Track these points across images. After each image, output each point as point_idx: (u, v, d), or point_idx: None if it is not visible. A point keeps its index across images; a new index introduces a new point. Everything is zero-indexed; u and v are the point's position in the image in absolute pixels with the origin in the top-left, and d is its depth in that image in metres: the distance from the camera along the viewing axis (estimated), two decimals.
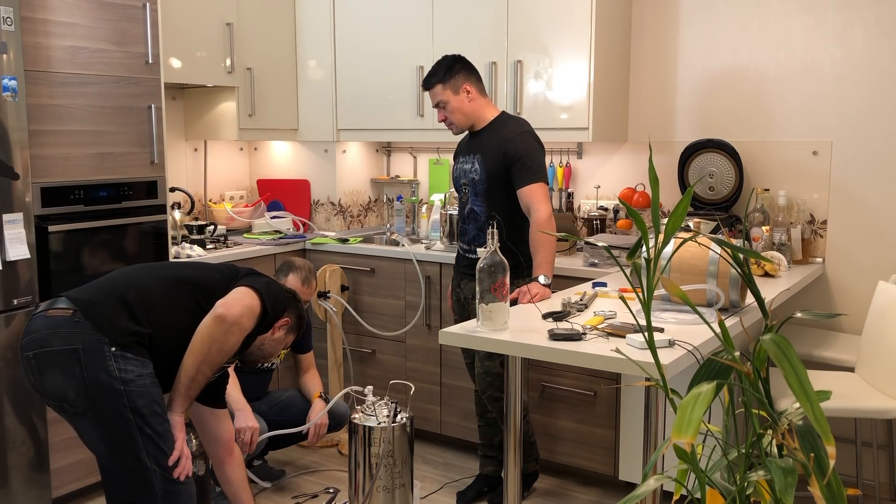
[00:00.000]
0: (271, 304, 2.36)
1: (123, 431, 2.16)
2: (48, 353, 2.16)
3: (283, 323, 2.48)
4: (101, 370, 2.14)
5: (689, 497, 1.48)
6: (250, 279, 2.39)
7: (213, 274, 2.42)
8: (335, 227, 4.43)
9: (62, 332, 2.17)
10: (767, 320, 1.53)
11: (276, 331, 2.46)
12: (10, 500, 2.88)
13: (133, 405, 2.16)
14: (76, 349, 2.14)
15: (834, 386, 2.73)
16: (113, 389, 2.15)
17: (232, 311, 2.25)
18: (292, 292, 2.57)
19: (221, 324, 2.24)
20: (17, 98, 2.84)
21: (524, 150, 2.99)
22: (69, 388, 2.15)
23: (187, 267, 2.50)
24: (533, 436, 3.37)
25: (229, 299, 2.28)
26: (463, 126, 3.13)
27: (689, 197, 1.48)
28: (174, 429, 2.27)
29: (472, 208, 3.14)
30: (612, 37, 3.63)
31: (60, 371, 2.16)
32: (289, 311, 2.48)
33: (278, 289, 2.46)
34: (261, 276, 2.45)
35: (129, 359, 2.19)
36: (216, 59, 3.92)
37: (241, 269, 2.47)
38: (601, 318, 2.43)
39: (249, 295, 2.32)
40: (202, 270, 2.44)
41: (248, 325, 2.30)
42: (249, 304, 2.30)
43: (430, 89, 3.11)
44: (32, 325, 2.23)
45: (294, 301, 2.54)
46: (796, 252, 3.35)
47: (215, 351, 2.25)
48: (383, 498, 2.82)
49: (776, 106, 3.49)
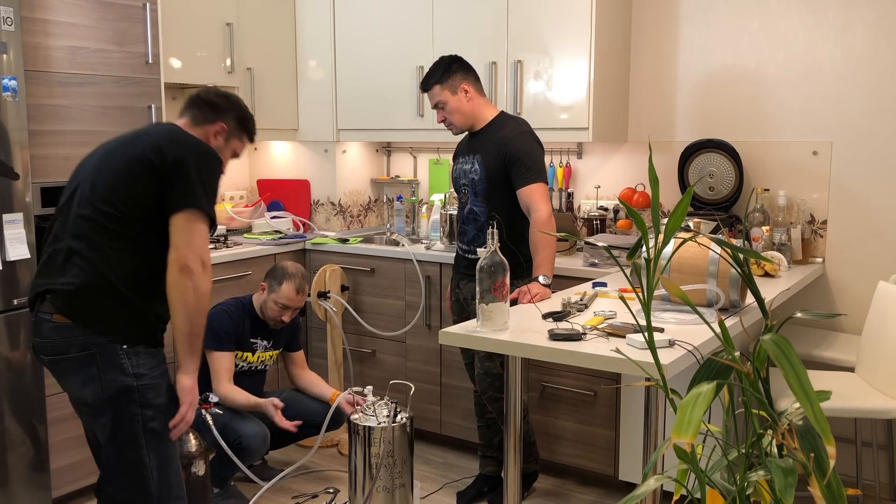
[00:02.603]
0: (212, 200, 2.23)
1: (130, 429, 2.17)
2: (65, 360, 2.18)
3: (217, 129, 2.37)
4: (117, 369, 2.15)
5: (689, 497, 1.48)
6: (183, 192, 2.17)
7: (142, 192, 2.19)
8: (335, 227, 4.43)
9: (75, 339, 2.16)
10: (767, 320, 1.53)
11: (212, 139, 2.36)
12: (10, 500, 2.88)
13: (142, 399, 2.17)
14: (92, 354, 2.15)
15: (834, 386, 2.73)
16: (126, 387, 2.16)
17: (191, 259, 2.15)
18: (223, 94, 2.43)
19: (189, 275, 2.16)
20: (17, 98, 2.84)
21: (523, 150, 2.98)
22: (88, 392, 2.18)
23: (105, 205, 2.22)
24: (533, 436, 3.37)
25: (182, 246, 2.16)
26: (462, 126, 3.12)
27: (689, 197, 1.48)
28: (182, 393, 2.24)
29: (471, 208, 3.14)
30: (612, 37, 3.63)
31: (79, 378, 2.18)
32: (221, 119, 2.38)
33: (209, 151, 2.27)
34: (187, 163, 2.19)
35: (141, 352, 2.19)
36: (216, 59, 3.92)
37: (166, 160, 2.19)
38: (601, 318, 2.43)
39: (194, 225, 2.18)
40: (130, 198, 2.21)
41: (209, 253, 2.22)
42: (200, 235, 2.19)
43: (428, 90, 3.11)
44: (43, 330, 2.21)
45: (227, 102, 2.42)
46: (796, 252, 3.35)
47: (196, 296, 2.18)
48: (383, 498, 2.82)
49: (776, 106, 3.49)
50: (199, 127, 2.36)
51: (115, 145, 2.29)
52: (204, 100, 2.39)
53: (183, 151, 2.21)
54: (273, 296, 3.28)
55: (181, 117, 2.39)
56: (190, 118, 2.38)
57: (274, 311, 3.30)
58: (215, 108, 2.38)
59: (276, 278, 3.30)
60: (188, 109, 2.40)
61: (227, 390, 3.21)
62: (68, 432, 3.12)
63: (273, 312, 3.30)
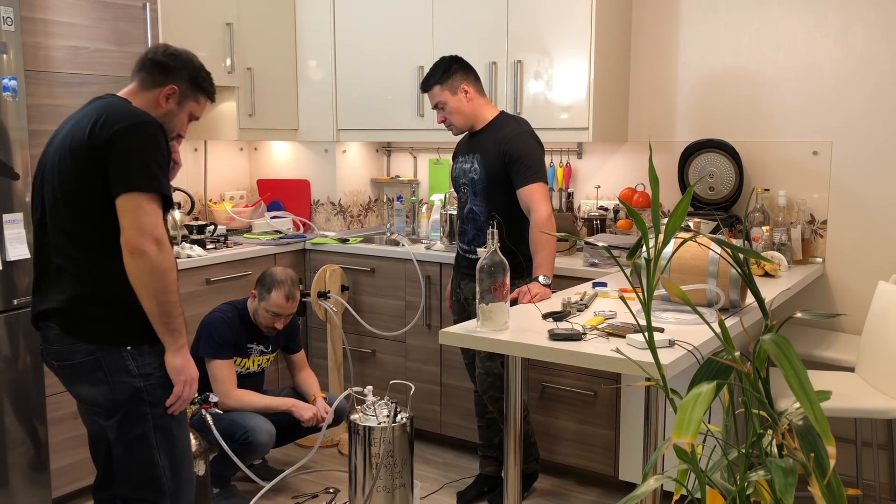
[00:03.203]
0: (157, 174, 2.06)
1: (140, 429, 2.15)
2: (71, 365, 2.16)
3: (168, 92, 2.21)
4: (123, 372, 2.13)
5: (689, 497, 1.48)
6: (121, 174, 2.03)
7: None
8: (335, 227, 4.43)
9: (80, 346, 2.14)
10: (767, 320, 1.53)
11: (163, 103, 2.20)
12: (10, 500, 2.88)
13: (151, 398, 2.14)
14: (97, 358, 2.13)
15: (834, 386, 2.72)
16: (135, 388, 2.13)
17: (141, 241, 2.02)
18: (172, 53, 2.23)
19: (142, 256, 2.03)
20: (17, 98, 2.84)
21: (523, 150, 2.99)
22: (98, 395, 2.15)
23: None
24: (533, 436, 3.37)
25: (128, 228, 2.02)
26: (462, 127, 3.12)
27: (689, 197, 1.49)
28: (173, 373, 2.14)
29: (471, 208, 3.14)
30: (612, 37, 3.63)
31: (87, 382, 2.15)
32: (171, 81, 2.21)
33: (142, 121, 2.08)
34: (131, 134, 2.05)
35: (146, 352, 2.15)
36: (216, 59, 3.91)
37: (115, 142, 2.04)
38: (601, 318, 2.43)
39: (139, 206, 2.03)
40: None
41: (161, 228, 2.06)
42: (148, 214, 2.03)
43: (428, 91, 3.11)
44: (50, 337, 2.19)
45: (177, 61, 2.23)
46: (796, 252, 3.35)
47: (155, 276, 2.04)
48: (383, 498, 2.82)
49: (776, 106, 3.49)
50: (148, 91, 2.20)
51: (60, 139, 2.16)
52: (152, 61, 2.21)
53: (114, 130, 2.04)
54: (263, 304, 3.26)
55: (131, 82, 2.24)
56: (138, 83, 2.22)
57: (266, 319, 3.28)
58: (164, 69, 2.20)
59: (266, 286, 3.26)
60: (136, 73, 2.23)
61: (238, 396, 3.22)
62: (68, 432, 3.12)
63: (265, 320, 3.29)
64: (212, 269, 3.65)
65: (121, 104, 2.14)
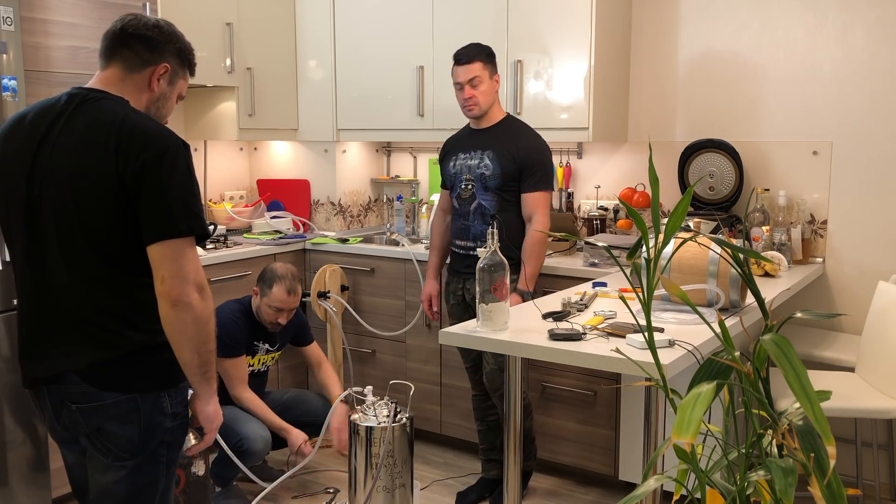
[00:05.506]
0: (196, 210, 1.82)
1: (153, 474, 1.93)
2: (99, 406, 1.87)
3: (161, 72, 1.91)
4: (158, 412, 1.89)
5: (689, 497, 1.48)
6: (157, 217, 1.77)
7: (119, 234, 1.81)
8: (335, 227, 4.42)
9: (114, 393, 1.86)
10: (767, 320, 1.53)
11: (155, 85, 1.91)
12: (10, 500, 2.88)
13: (171, 438, 1.94)
14: (134, 398, 1.87)
15: (834, 386, 2.72)
16: (164, 428, 1.90)
17: (184, 292, 1.78)
18: (155, 25, 1.92)
19: (185, 309, 1.79)
20: (17, 98, 2.83)
21: (541, 161, 3.13)
22: (122, 434, 1.87)
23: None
24: (533, 433, 3.38)
25: (169, 277, 1.78)
26: (483, 109, 3.16)
27: (689, 197, 1.48)
28: (206, 422, 1.98)
29: (479, 203, 3.17)
30: (611, 37, 3.63)
31: (116, 420, 1.86)
32: (162, 58, 1.91)
33: (174, 145, 1.79)
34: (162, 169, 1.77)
35: (178, 390, 1.93)
36: (216, 59, 3.91)
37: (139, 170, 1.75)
38: (601, 318, 2.43)
39: (180, 253, 1.78)
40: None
41: (202, 273, 1.84)
42: (190, 260, 1.79)
43: (469, 63, 3.11)
44: (70, 392, 1.88)
45: (163, 34, 1.91)
46: (796, 252, 3.35)
47: (198, 327, 1.82)
48: (383, 498, 2.82)
49: (776, 106, 3.49)
50: (137, 73, 1.88)
51: (62, 163, 1.81)
52: (135, 36, 1.88)
53: (140, 163, 1.75)
54: (265, 300, 3.27)
55: (109, 65, 1.89)
56: (122, 65, 1.88)
57: (269, 315, 3.29)
58: (151, 44, 1.88)
59: (267, 282, 3.27)
60: (117, 51, 1.88)
61: (244, 394, 3.22)
62: None
63: (268, 316, 3.29)
64: (212, 269, 3.65)
65: (130, 117, 1.81)
